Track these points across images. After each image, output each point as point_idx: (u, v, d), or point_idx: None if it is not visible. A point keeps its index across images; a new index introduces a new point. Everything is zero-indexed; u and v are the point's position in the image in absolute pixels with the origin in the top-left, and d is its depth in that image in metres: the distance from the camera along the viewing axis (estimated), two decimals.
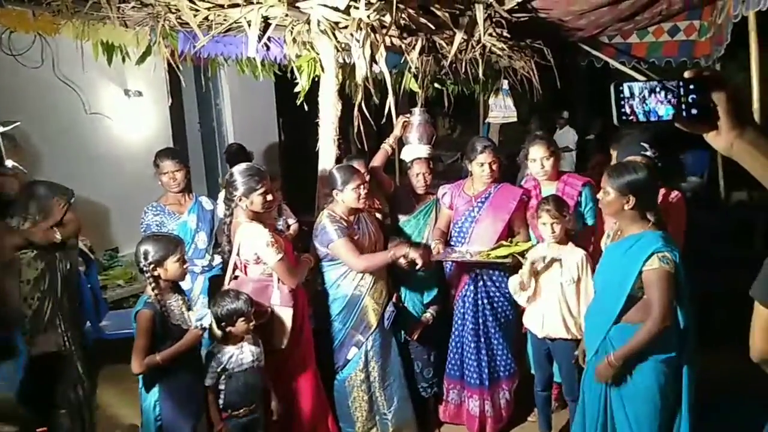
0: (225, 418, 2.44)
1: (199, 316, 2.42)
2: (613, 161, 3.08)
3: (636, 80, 1.01)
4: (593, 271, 2.60)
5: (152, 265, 2.33)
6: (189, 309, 2.54)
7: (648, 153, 2.92)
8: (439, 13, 3.35)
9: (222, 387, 2.45)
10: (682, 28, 4.63)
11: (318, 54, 3.11)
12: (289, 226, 3.02)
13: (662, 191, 2.65)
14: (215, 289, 2.85)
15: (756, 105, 3.63)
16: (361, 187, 2.81)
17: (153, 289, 2.34)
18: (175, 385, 2.37)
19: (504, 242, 2.92)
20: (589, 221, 2.99)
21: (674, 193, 2.78)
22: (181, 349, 2.32)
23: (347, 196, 2.81)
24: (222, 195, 2.79)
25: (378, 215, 3.19)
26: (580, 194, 2.95)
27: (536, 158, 2.99)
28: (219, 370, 2.42)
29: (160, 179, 3.16)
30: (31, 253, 2.70)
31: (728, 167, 4.98)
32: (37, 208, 2.72)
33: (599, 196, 2.35)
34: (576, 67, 5.15)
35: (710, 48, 4.51)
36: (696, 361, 2.30)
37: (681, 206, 2.75)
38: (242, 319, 2.43)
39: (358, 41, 3.01)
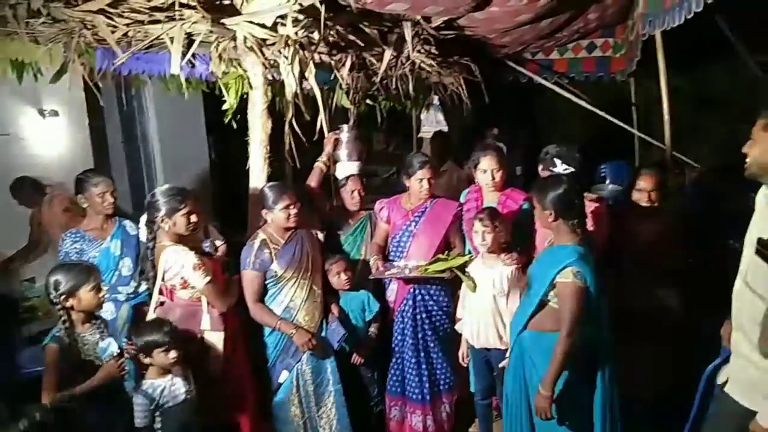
0: None
1: (104, 346, 2.27)
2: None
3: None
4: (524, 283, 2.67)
5: (63, 296, 2.19)
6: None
7: (557, 169, 3.04)
8: (367, 30, 3.38)
9: (158, 426, 2.30)
10: (598, 45, 4.90)
11: (245, 71, 3.04)
12: (216, 248, 2.91)
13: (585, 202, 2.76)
14: (142, 317, 2.70)
15: (666, 116, 3.88)
16: (291, 207, 2.76)
17: (63, 322, 2.19)
18: (95, 426, 2.21)
19: (441, 256, 2.95)
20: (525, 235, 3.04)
21: (594, 204, 2.90)
22: (94, 384, 2.16)
23: (277, 216, 2.76)
24: (144, 218, 2.66)
25: (318, 234, 3.13)
26: (519, 208, 3.01)
27: (487, 169, 3.00)
28: (152, 407, 2.27)
29: (91, 201, 2.95)
30: None
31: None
32: None
33: None
34: (503, 82, 5.33)
35: (625, 63, 4.80)
36: (608, 371, 2.36)
37: (600, 214, 2.87)
38: (162, 349, 2.30)
39: (286, 58, 2.98)
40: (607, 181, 4.22)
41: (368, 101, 4.52)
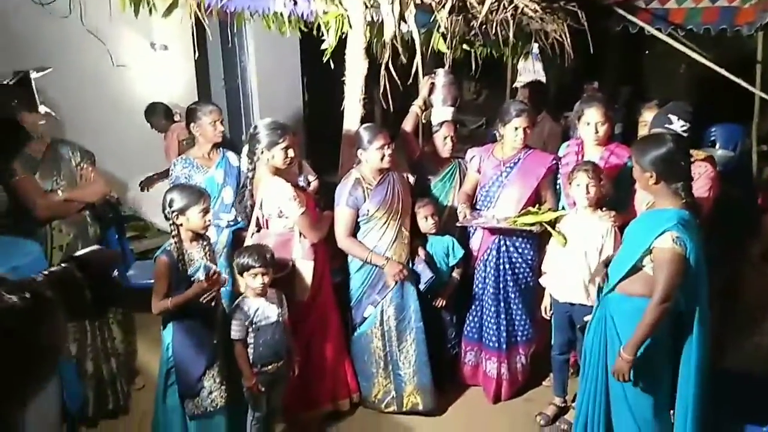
0: (255, 373, 2.49)
1: (206, 267, 2.45)
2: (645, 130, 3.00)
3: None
4: (618, 242, 2.59)
5: (175, 213, 2.38)
6: (214, 261, 2.59)
7: (673, 126, 2.84)
8: None
9: (251, 341, 2.49)
10: None
11: (346, 10, 3.05)
12: (309, 183, 3.03)
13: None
14: (240, 243, 2.89)
15: None
16: (386, 147, 2.80)
17: (173, 237, 2.39)
18: (188, 331, 2.42)
19: (531, 209, 2.90)
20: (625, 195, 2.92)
21: (703, 165, 2.71)
22: (187, 298, 2.35)
23: (371, 156, 2.81)
24: (245, 149, 2.81)
25: (409, 177, 3.17)
26: (623, 165, 2.87)
27: (591, 122, 2.87)
28: (246, 323, 2.47)
29: (202, 130, 3.12)
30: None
31: (762, 142, 4.83)
32: (63, 176, 2.76)
33: None
34: (610, 32, 4.98)
35: (754, 15, 4.31)
36: (703, 346, 2.25)
37: (709, 177, 2.68)
38: (252, 273, 2.46)
39: None
40: (717, 146, 3.93)
41: (465, 47, 4.39)
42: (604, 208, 2.71)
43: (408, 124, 3.27)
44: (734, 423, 2.40)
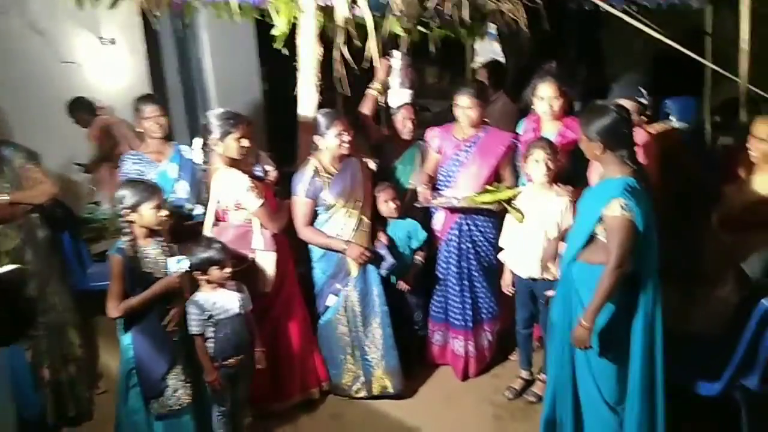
0: (216, 367, 2.45)
1: (174, 262, 2.39)
2: None
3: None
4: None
5: (127, 210, 2.31)
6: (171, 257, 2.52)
7: (642, 99, 2.88)
8: None
9: (210, 335, 2.45)
10: None
11: None
12: (267, 173, 2.98)
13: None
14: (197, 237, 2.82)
15: (743, 45, 3.58)
16: (344, 133, 2.76)
17: (126, 235, 2.32)
18: (148, 331, 2.37)
19: (489, 187, 2.91)
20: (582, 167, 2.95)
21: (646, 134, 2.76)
22: (151, 295, 2.31)
23: (329, 143, 2.77)
24: (196, 141, 2.74)
25: (370, 163, 3.14)
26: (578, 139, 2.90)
27: (545, 96, 2.91)
28: (204, 317, 2.42)
29: (142, 125, 3.05)
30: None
31: (715, 113, 4.94)
32: (7, 178, 2.65)
33: None
34: (565, 10, 5.02)
35: None
36: (655, 311, 2.30)
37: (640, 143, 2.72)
38: (216, 266, 2.42)
39: None
40: (672, 118, 4.00)
41: (421, 29, 4.36)
42: (560, 183, 2.74)
43: (366, 108, 3.24)
44: (690, 381, 2.48)
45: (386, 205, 3.04)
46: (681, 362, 2.48)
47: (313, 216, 2.87)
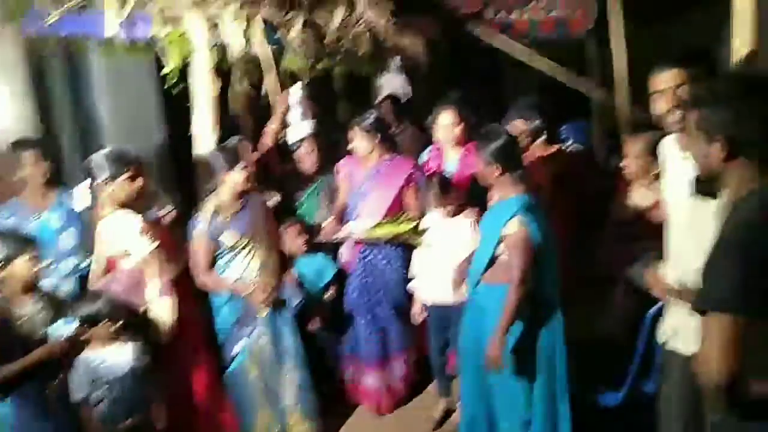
0: None
1: (58, 326, 2.19)
2: None
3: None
4: None
5: None
6: (57, 315, 2.30)
7: (534, 121, 3.00)
8: None
9: (99, 397, 2.23)
10: (557, 6, 4.84)
11: (187, 31, 2.91)
12: (164, 216, 2.82)
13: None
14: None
15: (623, 74, 3.87)
16: (244, 169, 2.68)
17: None
18: (30, 400, 2.14)
19: (383, 221, 2.91)
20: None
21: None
22: (30, 363, 2.08)
23: (231, 179, 2.67)
24: (80, 186, 2.56)
25: (274, 199, 3.06)
26: None
27: (443, 124, 2.97)
28: (92, 379, 2.21)
29: (20, 173, 2.84)
30: None
31: (608, 136, 5.29)
32: None
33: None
34: (465, 43, 5.24)
35: (584, 23, 4.77)
36: (556, 325, 2.39)
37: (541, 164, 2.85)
38: (106, 321, 2.23)
39: (231, 16, 2.86)
40: (569, 141, 4.24)
41: (322, 65, 4.39)
42: (462, 209, 2.78)
43: (266, 144, 3.17)
44: (592, 391, 2.56)
45: (294, 243, 2.96)
46: (586, 374, 2.56)
47: (214, 258, 2.74)
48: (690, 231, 1.85)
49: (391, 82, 5.15)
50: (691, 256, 1.78)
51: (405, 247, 2.97)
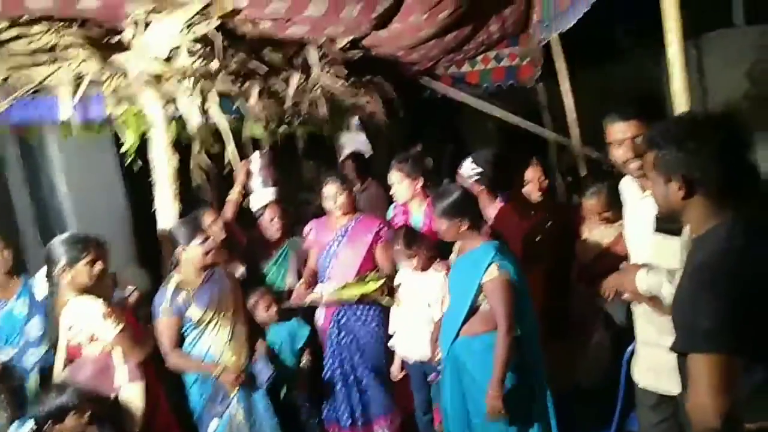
0: None
1: (18, 425, 2.06)
2: None
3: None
4: None
5: None
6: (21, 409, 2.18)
7: (463, 169, 3.06)
8: (270, 56, 3.34)
9: None
10: (505, 55, 5.06)
11: (142, 108, 2.92)
12: (128, 297, 2.74)
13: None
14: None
15: (571, 116, 4.03)
16: (206, 242, 2.64)
17: None
18: None
19: (350, 282, 2.89)
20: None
21: (500, 204, 2.92)
22: None
23: (193, 253, 2.63)
24: (39, 273, 2.48)
25: (240, 269, 3.02)
26: None
27: (394, 182, 3.01)
28: None
29: None
30: None
31: (566, 175, 5.44)
32: None
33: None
34: (420, 98, 5.41)
35: (531, 70, 4.98)
36: (541, 369, 2.38)
37: (508, 215, 2.89)
38: (72, 414, 2.11)
39: (186, 91, 2.89)
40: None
41: (283, 129, 4.44)
42: (437, 260, 2.77)
43: (228, 214, 3.15)
44: None
45: (265, 313, 2.90)
46: (573, 418, 2.52)
47: (181, 336, 2.65)
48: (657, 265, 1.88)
49: (352, 141, 5.23)
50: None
51: (381, 306, 2.94)
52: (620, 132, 1.91)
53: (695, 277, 1.31)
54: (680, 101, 2.01)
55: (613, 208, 2.87)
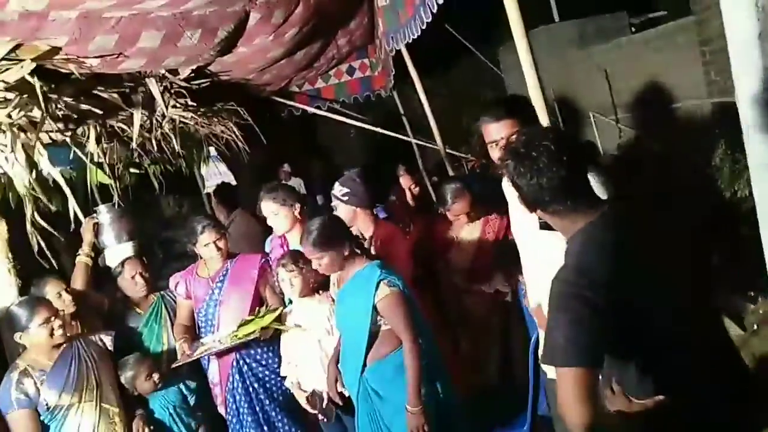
0: None
1: None
2: None
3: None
4: None
5: None
6: None
7: (335, 191, 3.00)
8: (105, 95, 3.00)
9: None
10: (356, 67, 5.10)
11: None
12: None
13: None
14: None
15: (431, 120, 4.15)
16: (51, 320, 2.27)
17: None
18: None
19: (248, 318, 2.71)
20: None
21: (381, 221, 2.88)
22: None
23: (36, 336, 2.25)
24: None
25: (105, 339, 2.65)
26: None
27: (267, 214, 2.84)
28: None
29: None
30: None
31: (432, 175, 5.62)
32: None
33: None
34: (278, 119, 5.26)
35: (384, 80, 5.07)
36: (446, 377, 2.38)
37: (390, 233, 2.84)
38: None
39: (4, 147, 2.48)
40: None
41: (134, 170, 4.04)
42: (321, 291, 2.66)
43: (78, 280, 2.78)
44: None
45: (146, 383, 2.58)
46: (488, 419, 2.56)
47: (44, 425, 2.26)
48: (541, 260, 1.93)
49: (214, 172, 4.94)
50: (544, 282, 1.87)
51: (278, 344, 2.75)
52: (495, 132, 1.94)
53: (551, 292, 1.33)
54: (536, 94, 2.10)
55: (475, 205, 3.04)
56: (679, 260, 1.44)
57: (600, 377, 1.31)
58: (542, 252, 1.85)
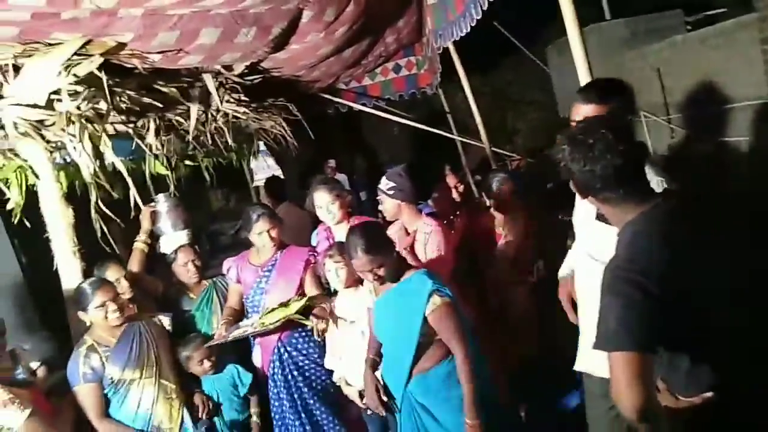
0: None
1: None
2: None
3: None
4: None
5: None
6: None
7: (381, 185, 3.02)
8: (164, 89, 3.14)
9: None
10: (403, 65, 5.14)
11: (25, 160, 2.63)
12: (34, 372, 2.45)
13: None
14: None
15: (478, 118, 4.14)
16: (108, 303, 2.41)
17: None
18: None
19: (275, 307, 2.77)
20: None
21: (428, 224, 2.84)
22: None
23: (94, 316, 2.39)
24: None
25: (163, 320, 2.79)
26: None
27: (321, 205, 2.90)
28: None
29: None
30: None
31: (474, 174, 5.61)
32: None
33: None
34: (325, 115, 5.36)
35: (430, 78, 5.09)
36: (486, 379, 2.35)
37: (437, 234, 2.85)
38: None
39: (73, 137, 2.64)
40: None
41: (188, 162, 4.22)
42: (363, 283, 2.70)
43: (134, 264, 2.92)
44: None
45: (199, 367, 2.70)
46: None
47: (107, 399, 2.41)
48: (592, 249, 1.92)
49: (263, 166, 5.07)
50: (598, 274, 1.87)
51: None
52: (579, 114, 1.87)
53: (603, 279, 1.35)
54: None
55: (517, 197, 3.09)
56: (734, 259, 1.43)
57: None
58: (596, 244, 1.84)
